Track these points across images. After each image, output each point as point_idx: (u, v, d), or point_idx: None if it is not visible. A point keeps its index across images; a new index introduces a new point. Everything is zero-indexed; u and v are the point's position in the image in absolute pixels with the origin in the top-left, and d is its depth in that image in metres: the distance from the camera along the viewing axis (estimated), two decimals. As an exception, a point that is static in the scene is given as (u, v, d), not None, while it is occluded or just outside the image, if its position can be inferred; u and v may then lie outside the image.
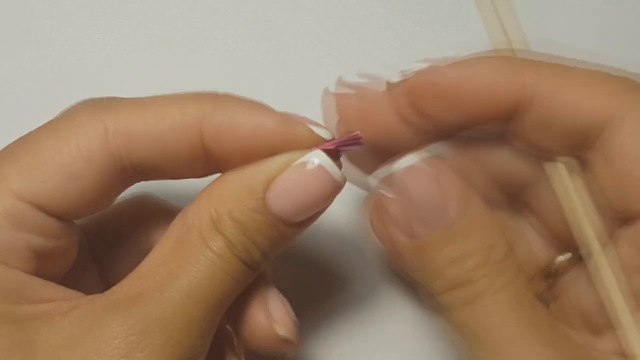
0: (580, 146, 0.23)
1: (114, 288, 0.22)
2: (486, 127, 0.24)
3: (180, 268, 0.22)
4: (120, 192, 0.25)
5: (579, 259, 0.26)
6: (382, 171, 0.23)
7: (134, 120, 0.23)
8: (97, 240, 0.26)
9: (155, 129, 0.23)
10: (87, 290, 0.23)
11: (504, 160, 0.25)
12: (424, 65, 0.23)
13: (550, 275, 0.26)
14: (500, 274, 0.22)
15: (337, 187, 0.23)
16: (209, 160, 0.23)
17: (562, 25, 0.36)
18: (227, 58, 0.35)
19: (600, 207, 0.23)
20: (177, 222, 0.23)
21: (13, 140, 0.23)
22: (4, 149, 0.23)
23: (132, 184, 0.24)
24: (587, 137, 0.23)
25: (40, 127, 0.23)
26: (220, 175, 0.24)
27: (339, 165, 0.23)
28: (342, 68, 0.35)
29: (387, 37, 0.36)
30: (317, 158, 0.23)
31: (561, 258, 0.26)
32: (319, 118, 0.26)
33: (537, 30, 0.36)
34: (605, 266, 0.22)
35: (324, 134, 0.23)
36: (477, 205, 0.23)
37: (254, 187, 0.23)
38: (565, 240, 0.25)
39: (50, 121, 0.24)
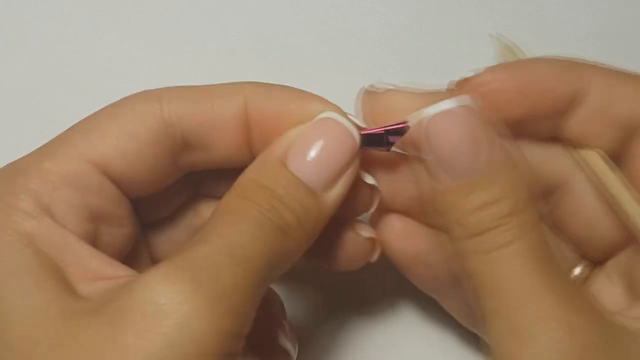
0: (628, 138, 0.24)
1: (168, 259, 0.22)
2: (540, 124, 0.25)
3: (219, 236, 0.22)
4: (172, 176, 0.25)
5: (593, 266, 0.27)
6: (416, 115, 0.23)
7: (184, 94, 0.25)
8: (147, 220, 0.27)
9: (204, 102, 0.24)
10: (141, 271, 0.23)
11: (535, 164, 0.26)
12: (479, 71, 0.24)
13: None
14: (520, 226, 0.22)
15: (351, 140, 0.24)
16: (252, 143, 0.25)
17: (562, 25, 0.36)
18: (228, 58, 0.35)
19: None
20: (221, 201, 0.24)
21: (13, 139, 0.24)
22: (69, 128, 0.25)
23: (182, 170, 0.26)
24: (636, 130, 0.24)
25: (104, 107, 0.25)
26: None
27: (387, 150, 0.24)
28: (342, 68, 0.35)
29: (387, 37, 0.36)
30: (327, 114, 0.24)
31: (577, 270, 0.27)
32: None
33: (537, 30, 0.36)
34: None
35: (358, 121, 0.25)
36: (505, 157, 0.23)
37: (275, 153, 0.24)
38: (583, 247, 0.26)
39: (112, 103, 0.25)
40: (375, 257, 0.27)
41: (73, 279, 0.22)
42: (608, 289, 0.26)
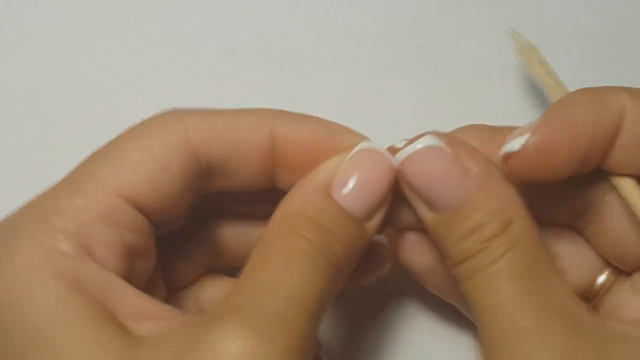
0: None
1: (217, 305, 0.22)
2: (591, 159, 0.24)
3: (274, 275, 0.22)
4: (194, 198, 0.25)
5: (619, 273, 0.27)
6: (402, 153, 0.24)
7: (211, 119, 0.24)
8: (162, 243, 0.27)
9: (230, 131, 0.24)
10: (154, 296, 0.24)
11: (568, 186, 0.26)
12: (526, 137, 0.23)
13: (590, 299, 0.27)
14: (506, 243, 0.23)
15: (391, 169, 0.24)
16: (275, 170, 0.25)
17: (562, 25, 0.36)
18: (228, 58, 0.35)
19: None
20: (261, 236, 0.24)
21: (13, 139, 0.23)
22: (92, 154, 0.24)
23: (202, 191, 0.25)
24: None
25: (123, 133, 0.24)
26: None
27: None
28: (342, 68, 0.35)
29: (387, 37, 0.36)
30: (365, 144, 0.24)
31: (602, 278, 0.27)
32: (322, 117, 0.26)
33: (538, 30, 0.36)
34: None
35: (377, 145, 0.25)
36: (485, 181, 0.23)
37: (318, 183, 0.24)
38: (612, 262, 0.26)
39: (132, 127, 0.25)
40: (386, 269, 0.27)
41: (123, 319, 0.22)
42: (630, 298, 0.26)
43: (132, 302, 0.22)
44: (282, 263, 0.22)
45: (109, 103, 0.34)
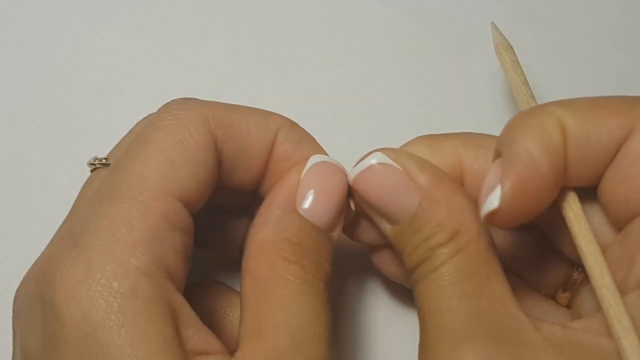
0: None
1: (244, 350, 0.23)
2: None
3: (284, 313, 0.23)
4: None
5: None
6: (354, 171, 0.25)
7: (229, 113, 0.24)
8: None
9: (243, 128, 0.25)
10: None
11: None
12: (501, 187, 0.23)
13: (567, 288, 0.27)
14: (444, 254, 0.23)
15: (345, 178, 0.25)
16: (266, 171, 0.25)
17: (562, 25, 0.36)
18: (228, 58, 0.35)
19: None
20: (245, 278, 0.24)
21: (13, 139, 0.23)
22: (127, 154, 0.23)
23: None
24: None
25: (148, 128, 0.24)
26: (252, 225, 0.25)
27: None
28: (343, 68, 0.35)
29: (388, 37, 0.36)
30: (317, 157, 0.25)
31: (577, 273, 0.27)
32: (318, 117, 0.26)
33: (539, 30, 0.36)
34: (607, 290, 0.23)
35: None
36: (438, 191, 0.24)
37: (287, 203, 0.24)
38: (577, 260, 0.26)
39: (154, 121, 0.24)
40: (351, 215, 0.27)
41: (187, 352, 0.21)
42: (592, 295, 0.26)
43: (193, 333, 0.22)
44: (286, 298, 0.23)
45: (109, 103, 0.34)
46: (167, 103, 0.25)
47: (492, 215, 0.23)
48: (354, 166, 0.25)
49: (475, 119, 0.27)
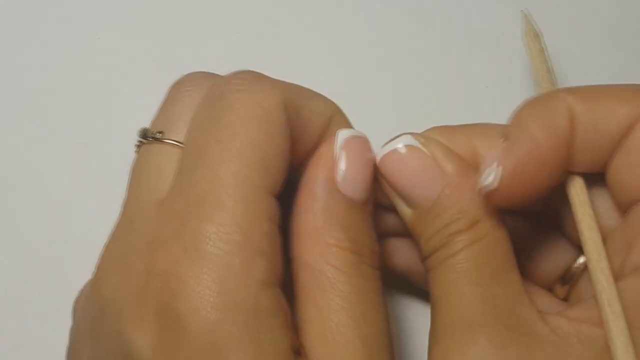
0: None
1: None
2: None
3: (353, 313, 0.23)
4: None
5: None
6: (382, 151, 0.25)
7: (295, 96, 0.24)
8: None
9: (307, 110, 0.24)
10: None
11: None
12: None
13: (566, 280, 0.27)
14: (470, 236, 0.24)
15: (371, 147, 0.25)
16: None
17: (562, 25, 0.36)
18: (228, 58, 0.35)
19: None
20: (301, 270, 0.24)
21: (13, 139, 0.23)
22: (212, 151, 0.22)
23: None
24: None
25: (232, 115, 0.23)
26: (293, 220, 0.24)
27: None
28: (343, 68, 0.35)
29: (388, 37, 0.36)
30: (346, 133, 0.25)
31: (577, 264, 0.27)
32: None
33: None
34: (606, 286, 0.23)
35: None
36: (458, 179, 0.24)
37: (328, 182, 0.24)
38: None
39: (236, 106, 0.23)
40: None
41: None
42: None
43: (295, 338, 0.22)
44: (354, 297, 0.23)
45: (109, 103, 0.34)
46: (236, 77, 0.24)
47: (489, 194, 0.23)
48: (382, 146, 0.25)
49: (475, 119, 0.27)
